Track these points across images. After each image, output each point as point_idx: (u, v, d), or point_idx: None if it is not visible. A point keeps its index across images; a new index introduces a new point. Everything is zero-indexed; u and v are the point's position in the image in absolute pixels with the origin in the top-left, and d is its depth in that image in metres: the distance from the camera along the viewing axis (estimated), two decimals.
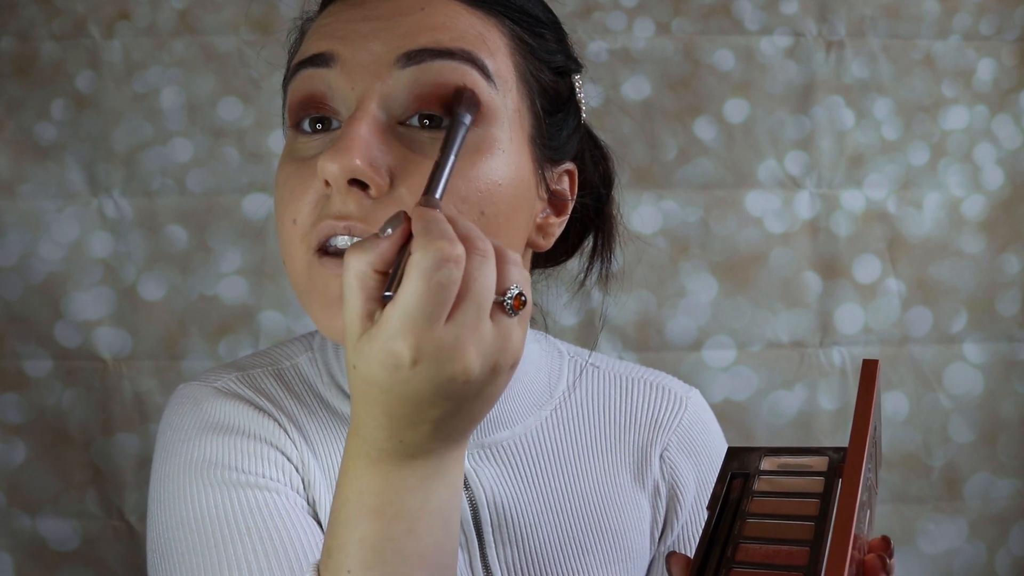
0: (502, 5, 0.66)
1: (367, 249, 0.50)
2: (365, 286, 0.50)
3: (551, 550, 0.71)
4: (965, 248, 1.51)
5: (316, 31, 0.66)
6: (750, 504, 0.55)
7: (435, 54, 0.61)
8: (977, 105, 1.51)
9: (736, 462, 0.60)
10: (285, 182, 0.63)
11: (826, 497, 0.55)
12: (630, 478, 0.76)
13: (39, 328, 1.44)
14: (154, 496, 0.67)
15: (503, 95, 0.63)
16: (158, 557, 0.65)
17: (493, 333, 0.50)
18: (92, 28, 1.45)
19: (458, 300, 0.49)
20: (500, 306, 0.51)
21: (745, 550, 0.52)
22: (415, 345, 0.48)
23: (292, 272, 0.64)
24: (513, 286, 0.51)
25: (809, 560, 0.50)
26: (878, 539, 0.58)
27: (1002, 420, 1.51)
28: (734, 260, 1.49)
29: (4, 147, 1.43)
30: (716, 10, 1.49)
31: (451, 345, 0.48)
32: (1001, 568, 1.51)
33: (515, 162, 0.64)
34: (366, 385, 0.50)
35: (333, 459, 0.69)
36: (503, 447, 0.72)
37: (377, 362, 0.49)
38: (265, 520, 0.63)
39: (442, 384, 0.49)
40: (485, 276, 0.49)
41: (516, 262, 0.52)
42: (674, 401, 0.80)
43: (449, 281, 0.48)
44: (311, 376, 0.73)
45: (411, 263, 0.48)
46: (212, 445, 0.66)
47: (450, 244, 0.48)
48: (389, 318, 0.48)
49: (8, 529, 1.43)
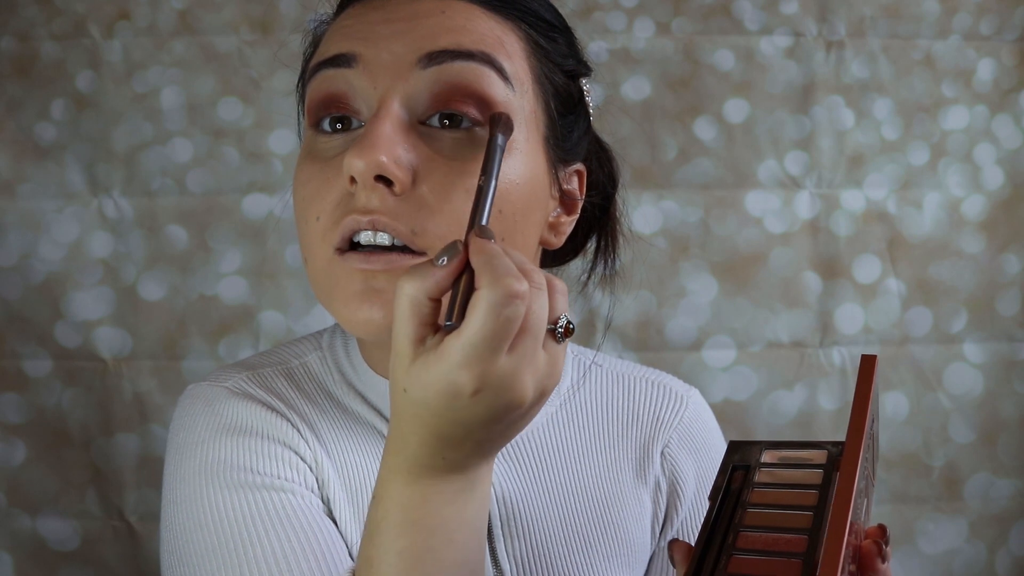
0: (518, 9, 0.67)
1: (423, 276, 0.51)
2: (418, 312, 0.51)
3: (557, 544, 0.72)
4: (965, 248, 1.51)
5: (336, 32, 0.67)
6: (750, 495, 0.57)
7: (455, 55, 0.63)
8: (977, 105, 1.51)
9: (737, 455, 0.61)
10: (308, 181, 0.65)
11: (824, 488, 0.56)
12: (632, 474, 0.78)
13: (39, 328, 1.43)
14: (169, 498, 0.68)
15: (520, 97, 0.65)
16: (175, 559, 0.66)
17: (545, 360, 0.52)
18: (92, 28, 1.45)
19: (519, 332, 0.50)
20: (551, 334, 0.53)
21: (745, 538, 0.54)
22: (479, 376, 0.50)
23: (313, 269, 0.65)
24: (563, 315, 0.53)
25: (807, 547, 0.51)
26: (875, 527, 0.59)
27: (1002, 420, 1.51)
28: (734, 260, 1.49)
29: (4, 147, 1.43)
30: (716, 10, 1.49)
31: (510, 375, 0.50)
32: (1001, 568, 1.50)
33: (531, 162, 0.65)
34: (417, 408, 0.51)
35: (346, 457, 0.70)
36: (511, 443, 0.74)
37: (435, 390, 0.50)
38: (283, 521, 0.64)
39: (498, 411, 0.51)
40: (541, 308, 0.52)
41: (564, 292, 0.54)
42: (675, 399, 0.82)
43: (516, 316, 0.50)
44: (321, 375, 0.74)
45: (479, 297, 0.50)
46: (227, 447, 0.67)
47: (517, 281, 0.50)
48: (452, 348, 0.50)
49: (8, 529, 1.43)
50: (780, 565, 0.51)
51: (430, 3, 0.65)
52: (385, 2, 0.66)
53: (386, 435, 0.69)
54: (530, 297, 0.50)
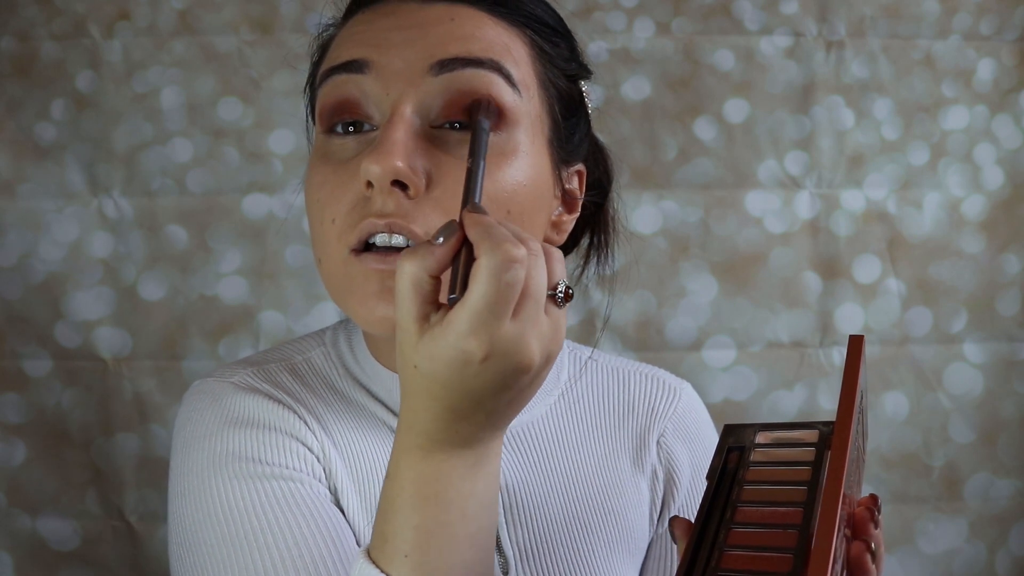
0: (524, 16, 0.69)
1: (422, 255, 0.53)
2: (420, 289, 0.52)
3: (558, 531, 0.74)
4: (965, 248, 1.51)
5: (348, 38, 0.69)
6: (746, 473, 0.59)
7: (466, 63, 0.65)
8: (977, 105, 1.51)
9: (732, 437, 0.63)
10: (323, 184, 0.66)
11: (817, 465, 0.58)
12: (630, 463, 0.80)
13: (39, 328, 1.44)
14: (177, 491, 0.69)
15: (526, 101, 0.67)
16: (184, 551, 0.66)
17: (548, 324, 0.54)
18: (92, 28, 1.45)
19: (520, 297, 0.52)
20: (552, 299, 0.55)
21: (743, 512, 0.55)
22: (487, 342, 0.51)
23: (328, 269, 0.67)
24: (561, 280, 0.55)
25: (803, 519, 0.53)
26: (866, 496, 0.61)
27: (1002, 420, 1.51)
28: (734, 260, 1.49)
29: (4, 147, 1.44)
30: (716, 10, 1.49)
31: (517, 339, 0.52)
32: (1001, 568, 1.50)
33: (536, 164, 0.68)
34: (428, 382, 0.53)
35: (352, 448, 0.71)
36: (513, 433, 0.76)
37: (444, 360, 0.51)
38: (292, 508, 0.65)
39: (507, 376, 0.52)
40: (540, 273, 0.53)
41: (560, 259, 0.56)
42: (669, 391, 0.84)
43: (516, 280, 0.51)
44: (325, 369, 0.75)
45: (479, 265, 0.51)
46: (235, 439, 0.68)
47: (514, 246, 0.51)
48: (458, 318, 0.51)
49: (8, 529, 1.43)
50: (777, 536, 0.53)
51: (440, 10, 0.67)
52: (396, 8, 0.67)
53: (391, 426, 0.71)
54: (529, 262, 0.52)
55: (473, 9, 0.67)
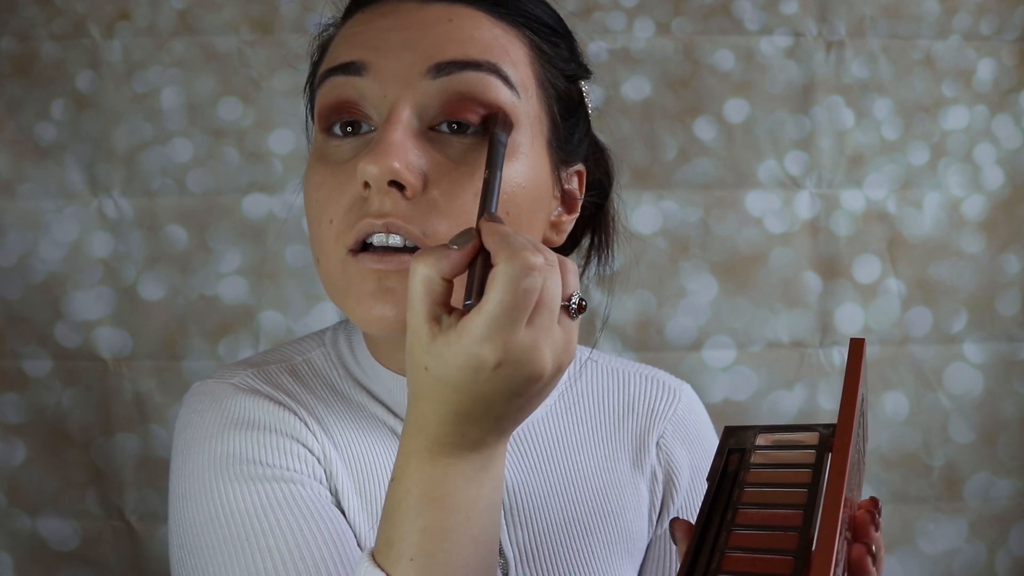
0: (522, 16, 0.69)
1: (436, 257, 0.53)
2: (432, 291, 0.53)
3: (559, 532, 0.74)
4: (965, 248, 1.51)
5: (346, 39, 0.69)
6: (747, 475, 0.59)
7: (463, 65, 0.65)
8: (977, 105, 1.51)
9: (733, 439, 0.63)
10: (320, 185, 0.67)
11: (817, 467, 0.58)
12: (629, 464, 0.80)
13: (39, 328, 1.44)
14: (177, 493, 0.69)
15: (525, 103, 0.67)
16: (185, 553, 0.66)
17: (561, 335, 0.54)
18: (92, 28, 1.45)
19: (535, 306, 0.52)
20: (565, 310, 0.55)
21: (744, 514, 0.55)
22: (501, 349, 0.51)
23: (326, 269, 0.67)
24: (575, 292, 0.55)
25: (803, 521, 0.53)
26: (866, 499, 0.61)
27: (1002, 420, 1.51)
28: (734, 260, 1.49)
29: (4, 147, 1.43)
30: (716, 10, 1.49)
31: (530, 347, 0.52)
32: (1001, 568, 1.50)
33: (535, 165, 0.68)
34: (438, 385, 0.53)
35: (353, 449, 0.71)
36: (512, 434, 0.74)
37: (457, 364, 0.52)
38: (293, 510, 0.65)
39: (519, 384, 0.53)
40: (555, 283, 0.53)
41: (575, 270, 0.56)
42: (669, 392, 0.84)
43: (534, 287, 0.51)
44: (325, 370, 0.75)
45: (497, 271, 0.51)
46: (235, 441, 0.68)
47: (532, 254, 0.52)
48: (473, 324, 0.51)
49: (8, 529, 1.43)
50: (778, 538, 0.53)
51: (438, 11, 0.67)
52: (394, 9, 0.68)
53: (392, 427, 0.71)
54: (544, 272, 0.52)
55: (472, 9, 0.67)
